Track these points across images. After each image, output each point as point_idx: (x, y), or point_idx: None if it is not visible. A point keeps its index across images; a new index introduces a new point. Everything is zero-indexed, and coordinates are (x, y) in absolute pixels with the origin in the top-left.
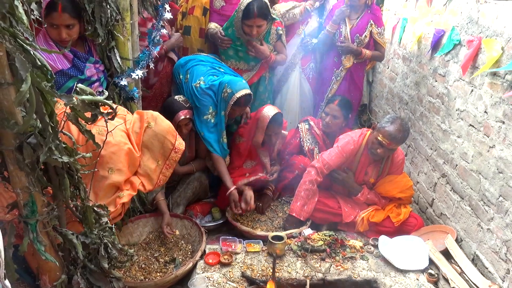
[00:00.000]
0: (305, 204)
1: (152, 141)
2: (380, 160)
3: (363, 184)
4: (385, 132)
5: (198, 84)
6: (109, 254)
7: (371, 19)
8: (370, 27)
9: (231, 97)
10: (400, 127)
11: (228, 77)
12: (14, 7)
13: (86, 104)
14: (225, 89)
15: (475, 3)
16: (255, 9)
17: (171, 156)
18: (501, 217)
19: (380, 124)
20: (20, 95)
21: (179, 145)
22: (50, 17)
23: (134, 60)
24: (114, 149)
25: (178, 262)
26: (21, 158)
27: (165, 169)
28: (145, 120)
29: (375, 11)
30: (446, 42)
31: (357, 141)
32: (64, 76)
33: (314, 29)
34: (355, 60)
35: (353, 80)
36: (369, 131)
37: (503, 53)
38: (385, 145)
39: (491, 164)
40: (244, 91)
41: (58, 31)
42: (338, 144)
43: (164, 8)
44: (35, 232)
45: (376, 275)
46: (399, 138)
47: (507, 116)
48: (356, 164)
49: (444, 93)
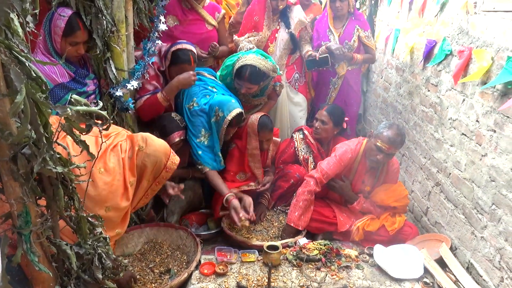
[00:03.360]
0: (303, 214)
1: (145, 163)
2: (376, 169)
3: (360, 193)
4: (384, 137)
5: (191, 106)
6: (103, 264)
7: (356, 24)
8: (357, 32)
9: (223, 121)
10: (397, 131)
11: (218, 98)
12: (9, 19)
13: (80, 115)
14: (217, 112)
15: (465, 14)
16: (246, 74)
17: (162, 175)
18: (494, 225)
19: (377, 130)
20: (15, 106)
21: (171, 164)
22: (73, 36)
23: (130, 71)
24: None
25: (173, 273)
26: (15, 169)
27: (154, 185)
28: (135, 143)
29: (359, 16)
30: (437, 53)
31: (355, 150)
32: (63, 89)
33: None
34: (349, 67)
35: (351, 86)
36: (365, 139)
37: (493, 63)
38: (385, 150)
39: (483, 173)
40: (235, 111)
41: (77, 47)
42: (335, 154)
43: (160, 19)
44: (28, 243)
45: (371, 284)
46: (398, 142)
47: (498, 125)
48: (353, 172)
49: (436, 103)
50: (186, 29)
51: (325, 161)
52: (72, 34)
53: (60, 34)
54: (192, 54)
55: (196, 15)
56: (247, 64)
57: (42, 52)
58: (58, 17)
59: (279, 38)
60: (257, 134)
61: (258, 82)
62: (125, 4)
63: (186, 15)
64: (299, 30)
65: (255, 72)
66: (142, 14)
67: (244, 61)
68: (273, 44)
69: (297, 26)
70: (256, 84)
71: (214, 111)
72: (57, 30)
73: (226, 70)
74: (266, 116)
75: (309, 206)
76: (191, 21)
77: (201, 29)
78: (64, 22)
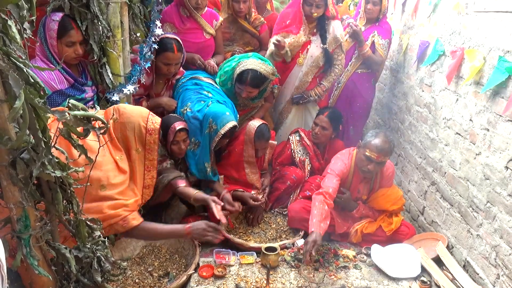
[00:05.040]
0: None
1: (124, 132)
2: (370, 177)
3: (357, 200)
4: (372, 146)
5: (184, 110)
6: (102, 267)
7: (375, 30)
8: (372, 37)
9: (216, 134)
10: (385, 138)
11: (213, 109)
12: (7, 26)
13: (78, 119)
14: (210, 124)
15: (457, 15)
16: (248, 78)
17: (147, 139)
18: (489, 223)
19: (364, 140)
20: (14, 112)
21: (152, 125)
22: (67, 36)
23: (126, 75)
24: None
25: (172, 276)
26: (14, 173)
27: (148, 154)
28: (109, 116)
29: (383, 23)
30: (431, 53)
31: (348, 163)
32: (62, 96)
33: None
34: (359, 70)
35: (358, 90)
36: (355, 150)
37: (485, 63)
38: (375, 159)
39: (478, 171)
40: (229, 125)
41: (74, 48)
42: (332, 169)
43: (155, 24)
44: (28, 247)
45: (369, 283)
46: (386, 149)
47: (491, 123)
48: (349, 184)
49: (431, 103)
50: (183, 38)
51: (326, 180)
52: (66, 34)
53: (55, 37)
54: (175, 42)
55: (194, 23)
56: (248, 69)
57: (41, 59)
58: (50, 21)
59: (309, 52)
60: (253, 143)
61: (259, 86)
62: (120, 10)
63: (184, 23)
64: (333, 48)
65: (257, 76)
66: (137, 19)
67: (245, 66)
68: (303, 56)
69: (331, 43)
70: (257, 88)
71: (208, 122)
72: (52, 34)
73: (226, 76)
74: (264, 125)
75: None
76: (188, 30)
77: (199, 38)
78: (57, 24)
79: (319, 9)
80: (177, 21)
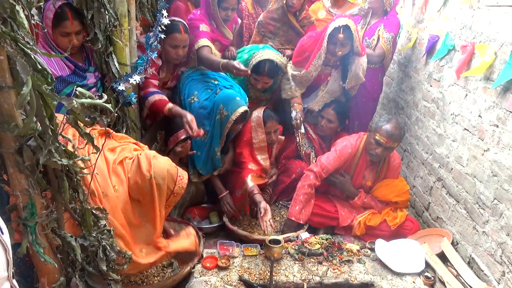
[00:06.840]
0: (304, 208)
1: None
2: (377, 163)
3: (361, 188)
4: (382, 131)
5: (192, 100)
6: (107, 256)
7: (382, 23)
8: (378, 31)
9: (228, 120)
10: (396, 124)
11: (223, 94)
12: (15, 12)
13: (85, 108)
14: (221, 110)
15: (469, 9)
16: (266, 69)
17: (170, 200)
18: (496, 220)
19: (376, 124)
20: (21, 98)
21: (179, 189)
22: (61, 26)
23: (132, 65)
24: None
25: (175, 266)
26: (21, 161)
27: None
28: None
29: (390, 17)
30: (440, 48)
31: (355, 145)
32: (63, 82)
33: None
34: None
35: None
36: (365, 134)
37: (496, 58)
38: (384, 144)
39: (485, 168)
40: (241, 109)
41: (69, 38)
42: (336, 148)
43: (162, 13)
44: (34, 234)
45: (373, 278)
46: (396, 135)
47: (501, 119)
48: (354, 167)
49: (439, 98)
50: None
51: (325, 156)
52: (60, 24)
53: (50, 26)
54: (181, 24)
55: (217, 32)
56: (265, 59)
57: (42, 45)
58: (48, 8)
59: (328, 86)
60: (263, 127)
61: (275, 76)
62: None
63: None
64: (352, 85)
65: (274, 66)
66: (144, 8)
67: (262, 56)
68: (324, 85)
69: (352, 80)
70: (273, 78)
71: (219, 108)
72: (47, 22)
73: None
74: (268, 109)
75: (309, 200)
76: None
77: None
78: (53, 13)
79: (344, 47)
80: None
